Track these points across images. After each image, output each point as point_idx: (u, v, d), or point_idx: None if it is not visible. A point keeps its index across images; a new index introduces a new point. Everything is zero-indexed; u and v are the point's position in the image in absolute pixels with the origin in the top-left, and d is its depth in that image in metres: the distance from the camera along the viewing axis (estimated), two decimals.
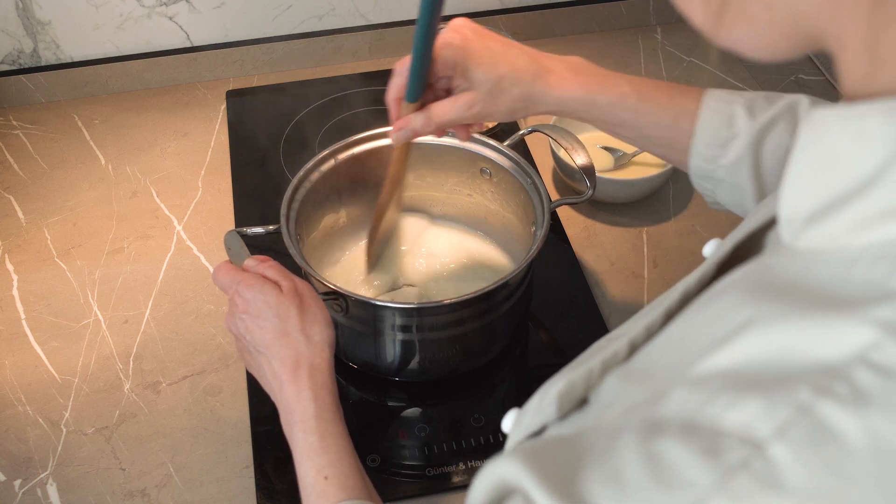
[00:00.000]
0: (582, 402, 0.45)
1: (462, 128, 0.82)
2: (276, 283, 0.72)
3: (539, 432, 0.46)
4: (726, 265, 0.46)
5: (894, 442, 0.29)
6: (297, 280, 0.73)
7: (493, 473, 0.38)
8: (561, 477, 0.35)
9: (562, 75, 0.74)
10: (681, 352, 0.39)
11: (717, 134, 0.73)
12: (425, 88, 0.75)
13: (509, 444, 0.49)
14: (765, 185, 0.73)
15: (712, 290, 0.42)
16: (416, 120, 0.75)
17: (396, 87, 0.76)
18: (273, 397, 0.71)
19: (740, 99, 0.74)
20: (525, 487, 0.35)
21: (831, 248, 0.35)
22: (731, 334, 0.35)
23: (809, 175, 0.36)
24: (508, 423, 0.51)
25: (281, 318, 0.70)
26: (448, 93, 0.77)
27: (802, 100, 0.73)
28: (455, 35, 0.74)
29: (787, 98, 0.74)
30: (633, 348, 0.45)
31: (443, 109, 0.75)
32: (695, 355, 0.36)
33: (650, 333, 0.45)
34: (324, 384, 0.69)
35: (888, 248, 0.33)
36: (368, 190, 0.98)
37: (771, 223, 0.45)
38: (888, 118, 0.32)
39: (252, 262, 0.75)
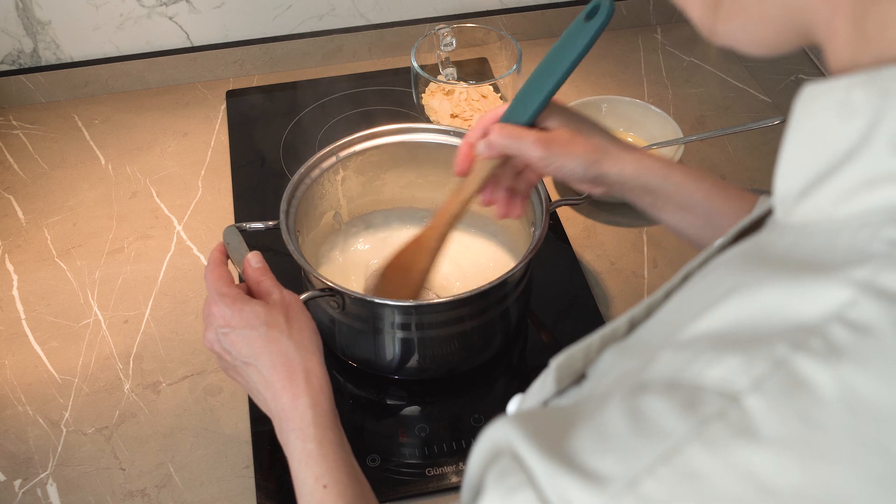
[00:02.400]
0: (580, 378, 0.45)
1: (503, 205, 0.79)
2: (265, 294, 0.72)
3: None
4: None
5: (865, 394, 0.30)
6: (285, 291, 0.73)
7: (487, 439, 0.39)
8: (550, 436, 0.36)
9: (635, 147, 0.75)
10: (671, 323, 0.40)
11: None
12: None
13: None
14: None
15: (706, 268, 0.43)
16: (493, 130, 0.73)
17: (475, 132, 0.76)
18: (265, 407, 0.70)
19: None
20: (514, 446, 0.36)
21: (818, 220, 0.36)
22: (717, 300, 0.36)
23: (800, 151, 0.37)
24: (513, 407, 0.52)
25: (269, 326, 0.69)
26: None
27: None
28: None
29: None
30: (633, 325, 0.46)
31: (517, 129, 0.73)
32: (684, 323, 0.37)
33: (650, 311, 0.46)
34: (321, 388, 0.68)
35: (870, 216, 0.33)
36: (369, 188, 0.98)
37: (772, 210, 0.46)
38: (870, 87, 0.33)
39: (255, 259, 0.75)
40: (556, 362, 0.45)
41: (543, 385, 0.47)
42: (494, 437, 0.38)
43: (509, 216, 0.81)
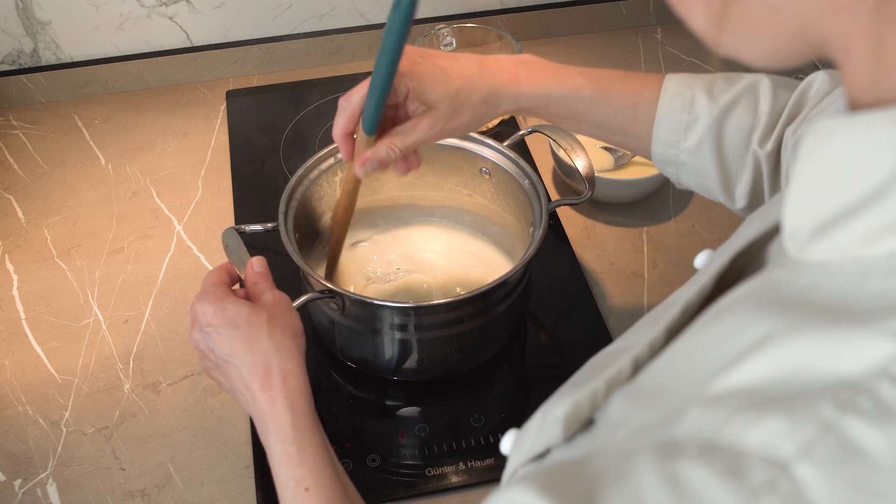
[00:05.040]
0: (587, 424, 0.44)
1: (401, 162, 0.77)
2: (258, 295, 0.71)
3: (543, 455, 0.45)
4: (725, 277, 0.46)
5: None
6: (276, 292, 0.72)
7: (503, 502, 0.37)
8: (575, 502, 0.34)
9: (515, 74, 0.74)
10: (690, 370, 0.38)
11: (679, 118, 0.74)
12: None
13: (510, 467, 0.48)
14: (727, 166, 0.75)
15: (717, 307, 0.41)
16: (380, 149, 0.72)
17: (343, 123, 0.73)
18: (247, 408, 0.69)
19: (700, 82, 0.75)
20: None
21: (841, 261, 0.34)
22: (746, 352, 0.34)
23: (815, 186, 0.35)
24: (507, 444, 0.50)
25: (251, 326, 0.68)
26: (404, 120, 0.75)
27: (763, 79, 0.74)
28: (402, 62, 0.70)
29: (747, 78, 0.75)
30: (638, 366, 0.44)
31: (405, 134, 0.73)
32: (707, 374, 0.35)
33: (653, 350, 0.44)
34: (299, 390, 0.67)
35: None
36: (366, 189, 0.98)
37: (771, 233, 0.45)
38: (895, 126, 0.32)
39: (258, 263, 0.74)
40: (564, 412, 0.43)
41: (543, 428, 0.45)
42: (512, 502, 0.37)
43: (412, 169, 0.79)
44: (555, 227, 1.07)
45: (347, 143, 0.75)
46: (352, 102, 0.72)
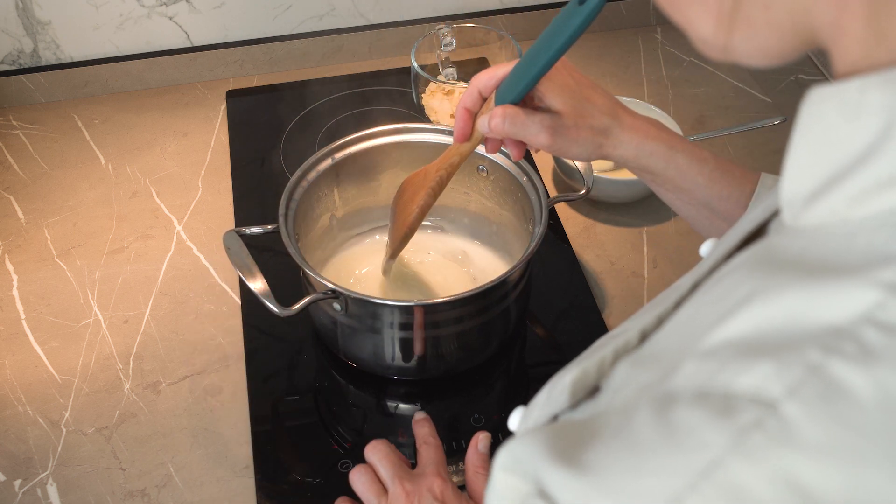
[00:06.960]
0: (593, 391, 0.45)
1: (514, 143, 0.77)
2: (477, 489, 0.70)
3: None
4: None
5: None
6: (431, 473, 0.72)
7: (509, 456, 0.39)
8: (574, 453, 0.35)
9: (644, 125, 0.74)
10: (689, 331, 0.39)
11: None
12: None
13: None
14: None
15: (717, 274, 0.42)
16: (496, 115, 0.72)
17: (469, 100, 0.74)
18: None
19: None
20: (539, 469, 0.36)
21: (832, 223, 0.35)
22: (736, 306, 0.36)
23: (809, 154, 0.36)
24: (515, 420, 0.51)
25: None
26: None
27: None
28: None
29: None
30: (645, 337, 0.45)
31: (523, 116, 0.72)
32: (702, 331, 0.36)
33: (661, 321, 0.46)
34: None
35: (888, 216, 0.33)
36: (364, 189, 0.98)
37: (776, 213, 0.46)
38: (886, 88, 0.33)
39: (483, 443, 0.73)
40: (572, 377, 0.44)
41: (551, 398, 0.46)
42: (516, 455, 0.38)
43: (497, 151, 0.80)
44: (555, 226, 1.07)
45: (465, 118, 0.75)
46: (482, 81, 0.73)
